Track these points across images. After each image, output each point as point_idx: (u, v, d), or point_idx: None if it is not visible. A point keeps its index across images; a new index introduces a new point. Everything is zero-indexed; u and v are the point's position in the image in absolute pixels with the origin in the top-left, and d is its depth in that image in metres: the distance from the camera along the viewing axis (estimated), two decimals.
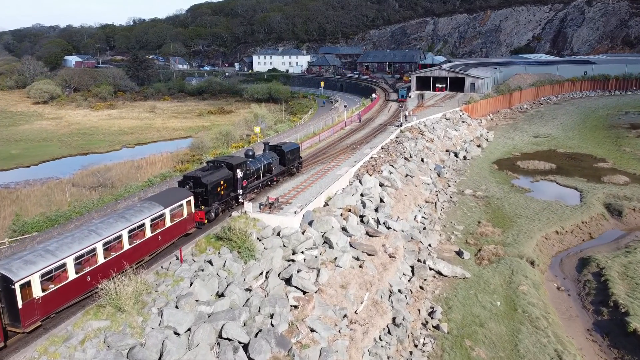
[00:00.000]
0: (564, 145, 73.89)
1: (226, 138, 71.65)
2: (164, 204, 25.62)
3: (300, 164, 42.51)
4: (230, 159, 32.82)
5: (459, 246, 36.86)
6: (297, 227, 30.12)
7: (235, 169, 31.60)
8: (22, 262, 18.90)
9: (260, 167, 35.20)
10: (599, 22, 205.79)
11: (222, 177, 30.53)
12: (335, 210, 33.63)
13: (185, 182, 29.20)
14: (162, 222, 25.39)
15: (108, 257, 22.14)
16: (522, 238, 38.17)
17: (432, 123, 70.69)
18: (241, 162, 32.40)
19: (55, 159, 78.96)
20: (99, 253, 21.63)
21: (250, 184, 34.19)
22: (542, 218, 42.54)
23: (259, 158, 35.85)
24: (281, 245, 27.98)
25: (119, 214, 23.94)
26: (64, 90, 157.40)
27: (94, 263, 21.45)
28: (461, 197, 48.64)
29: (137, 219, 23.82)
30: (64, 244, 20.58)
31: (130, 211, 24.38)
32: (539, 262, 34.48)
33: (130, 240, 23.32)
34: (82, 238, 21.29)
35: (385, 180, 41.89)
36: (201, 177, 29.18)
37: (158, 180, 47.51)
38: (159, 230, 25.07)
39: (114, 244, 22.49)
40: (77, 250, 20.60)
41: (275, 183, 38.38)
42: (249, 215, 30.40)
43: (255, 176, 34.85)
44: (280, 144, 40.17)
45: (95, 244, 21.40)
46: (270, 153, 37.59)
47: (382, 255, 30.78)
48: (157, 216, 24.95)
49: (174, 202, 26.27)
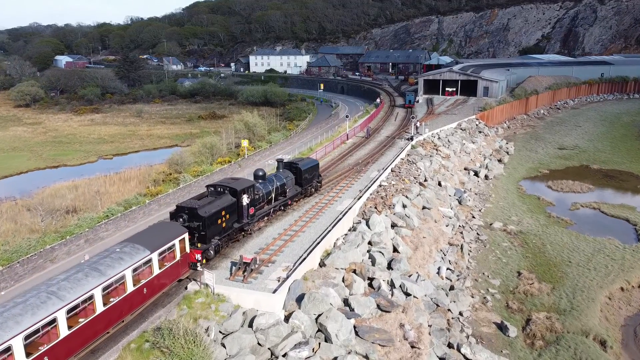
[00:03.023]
0: (597, 159, 64.79)
1: (211, 151, 62.49)
2: (151, 247, 20.18)
3: (320, 183, 37.56)
4: (234, 182, 27.40)
5: (499, 314, 27.79)
6: (279, 310, 21.04)
7: (240, 194, 26.43)
8: None
9: (271, 189, 30.36)
10: (612, 21, 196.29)
11: (223, 206, 25.14)
12: (334, 274, 24.55)
13: (178, 214, 23.89)
14: (149, 270, 20.02)
15: (75, 325, 16.71)
16: (580, 300, 29.07)
17: (447, 135, 61.59)
18: (247, 187, 27.26)
19: (20, 173, 69.95)
20: (61, 324, 16.09)
21: (259, 210, 29.16)
22: (599, 266, 33.45)
23: (271, 179, 30.97)
24: (254, 346, 18.91)
25: (90, 266, 18.24)
26: (49, 92, 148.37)
27: (54, 337, 15.94)
28: (490, 234, 39.53)
29: (115, 270, 18.37)
30: (10, 318, 14.98)
31: (106, 260, 18.68)
32: (611, 341, 25.36)
33: (105, 298, 17.89)
34: (37, 306, 15.69)
35: (399, 219, 32.81)
36: (197, 207, 23.81)
37: (121, 209, 38.58)
38: (144, 282, 19.70)
39: (82, 307, 17.03)
40: (28, 326, 15.03)
41: (290, 207, 33.28)
42: (211, 289, 21.35)
43: (266, 201, 29.87)
44: (296, 161, 35.48)
45: (55, 312, 15.90)
46: (284, 172, 33.00)
47: (401, 346, 21.70)
48: (142, 263, 19.62)
49: (164, 243, 20.84)
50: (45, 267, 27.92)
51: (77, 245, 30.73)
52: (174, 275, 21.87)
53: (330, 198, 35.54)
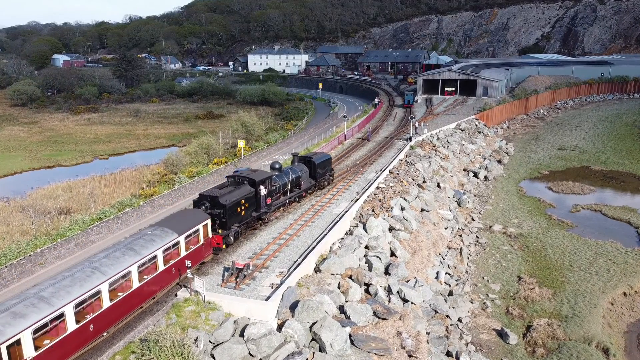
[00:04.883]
0: (597, 160, 64.09)
1: (207, 152, 61.70)
2: (178, 231, 22.08)
3: (332, 177, 39.19)
4: (253, 173, 29.38)
5: (499, 320, 27.09)
6: (272, 319, 20.31)
7: (258, 185, 28.24)
8: (9, 316, 15.18)
9: (287, 181, 32.12)
10: (612, 20, 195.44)
11: (243, 196, 27.01)
12: (329, 280, 23.83)
13: (200, 202, 25.77)
14: (177, 251, 21.90)
15: (115, 298, 18.48)
16: (582, 306, 28.37)
17: (446, 135, 60.84)
18: (265, 178, 29.13)
19: (15, 173, 69.15)
20: (105, 295, 17.96)
21: (276, 201, 31.00)
22: (601, 270, 32.76)
23: (287, 171, 32.67)
24: (245, 357, 18.17)
25: (126, 246, 20.10)
26: (46, 91, 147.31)
27: (98, 307, 17.77)
28: (490, 237, 38.81)
29: (148, 250, 20.22)
30: (62, 288, 16.86)
31: (140, 241, 20.51)
32: (614, 349, 24.67)
33: (140, 275, 19.71)
34: (84, 279, 17.56)
35: (397, 222, 32.07)
36: (219, 196, 25.77)
37: (114, 211, 37.80)
38: (172, 262, 21.55)
39: (121, 282, 18.76)
40: (78, 296, 16.93)
41: (304, 199, 34.86)
42: (202, 296, 20.62)
43: (282, 192, 31.68)
44: (310, 155, 37.23)
45: (99, 285, 17.73)
46: (299, 165, 34.67)
47: (398, 355, 20.98)
48: (171, 245, 21.50)
49: (190, 228, 22.73)
50: (34, 271, 27.16)
51: (67, 249, 29.95)
52: (198, 258, 23.66)
53: (326, 200, 34.81)
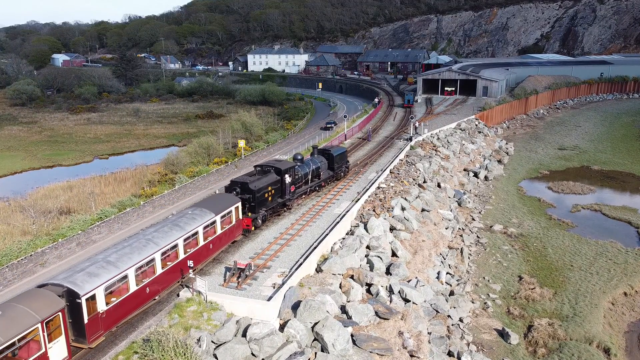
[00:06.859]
0: (597, 160, 64.16)
1: (207, 152, 61.70)
2: (215, 211, 24.94)
3: (348, 168, 41.61)
4: (278, 163, 32.12)
5: (500, 320, 27.13)
6: (274, 319, 20.34)
7: (283, 174, 30.88)
8: (85, 275, 17.63)
9: (308, 171, 34.64)
10: (612, 20, 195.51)
11: (270, 183, 29.75)
12: (331, 280, 23.86)
13: (232, 188, 28.51)
14: (213, 229, 24.70)
15: (165, 266, 21.27)
16: (583, 306, 28.42)
17: (446, 135, 60.88)
18: (290, 167, 31.80)
19: (15, 173, 69.10)
20: (158, 263, 20.73)
21: (298, 189, 33.73)
22: (601, 270, 32.81)
23: (308, 162, 35.18)
24: (247, 357, 18.20)
25: (172, 222, 23.07)
26: (45, 91, 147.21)
27: (152, 274, 20.45)
28: (491, 237, 38.84)
29: (191, 227, 23.05)
30: (124, 255, 19.53)
31: (183, 219, 23.54)
32: (615, 348, 24.72)
33: (185, 248, 22.48)
34: (141, 248, 20.33)
35: (398, 222, 32.11)
36: (249, 182, 28.45)
37: (115, 211, 37.80)
38: (210, 238, 24.38)
39: (169, 253, 21.63)
40: (137, 261, 19.59)
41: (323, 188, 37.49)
42: (203, 296, 20.64)
43: (304, 181, 34.36)
44: (328, 147, 40.01)
45: (154, 254, 20.51)
46: (319, 157, 37.07)
47: (400, 355, 21.02)
48: (209, 223, 24.31)
49: (224, 209, 25.62)
50: (35, 271, 27.16)
51: (68, 249, 29.95)
52: (231, 236, 26.41)
53: (327, 200, 34.85)
